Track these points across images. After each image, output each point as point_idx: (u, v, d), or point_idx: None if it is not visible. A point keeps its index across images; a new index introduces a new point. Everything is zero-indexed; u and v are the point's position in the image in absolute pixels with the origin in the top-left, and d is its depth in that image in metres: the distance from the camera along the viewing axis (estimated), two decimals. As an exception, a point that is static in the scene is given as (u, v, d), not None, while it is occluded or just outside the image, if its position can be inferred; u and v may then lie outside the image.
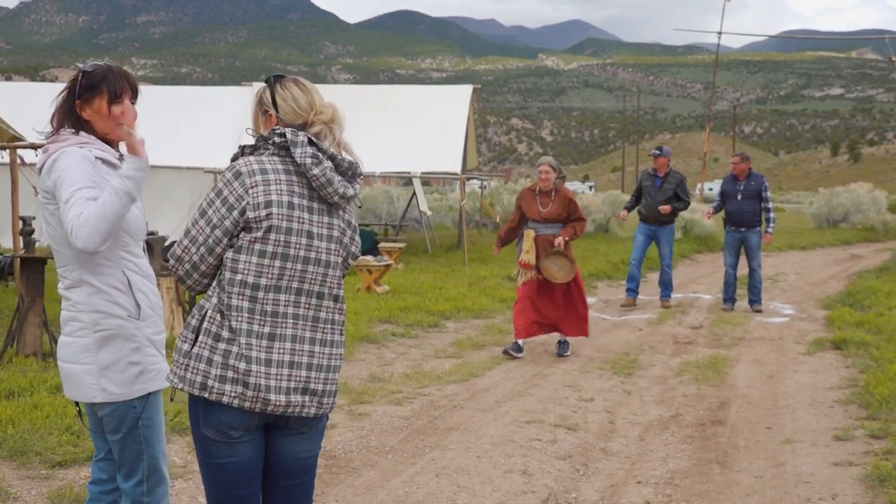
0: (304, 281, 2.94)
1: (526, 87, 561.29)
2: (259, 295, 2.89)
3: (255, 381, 2.86)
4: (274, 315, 2.90)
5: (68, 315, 3.34)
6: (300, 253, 2.92)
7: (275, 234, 2.88)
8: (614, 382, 8.28)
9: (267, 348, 2.89)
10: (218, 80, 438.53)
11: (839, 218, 33.45)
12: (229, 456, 2.96)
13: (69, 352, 3.33)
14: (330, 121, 3.03)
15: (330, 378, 3.02)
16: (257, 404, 2.88)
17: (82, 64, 3.52)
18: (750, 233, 12.88)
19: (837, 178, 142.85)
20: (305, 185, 2.94)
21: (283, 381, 2.90)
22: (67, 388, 3.38)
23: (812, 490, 5.32)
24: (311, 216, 2.94)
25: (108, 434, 3.39)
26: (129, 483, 3.41)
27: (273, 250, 2.89)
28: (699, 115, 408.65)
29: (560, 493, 5.31)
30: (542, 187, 9.55)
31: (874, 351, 9.11)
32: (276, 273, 2.90)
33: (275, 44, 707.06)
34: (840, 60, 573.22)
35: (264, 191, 2.88)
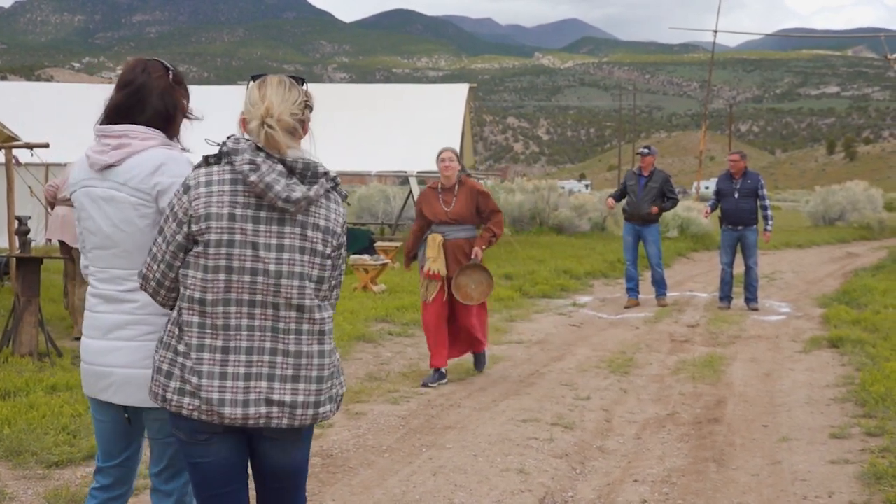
0: (256, 293, 2.84)
1: (522, 85, 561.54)
2: (207, 310, 2.85)
3: (206, 396, 2.84)
4: (226, 328, 2.85)
5: (130, 319, 3.24)
6: (246, 265, 2.83)
7: (214, 248, 2.82)
8: (611, 381, 8.28)
9: (222, 362, 2.85)
10: (214, 80, 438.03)
11: (835, 216, 33.52)
12: (202, 456, 2.97)
13: (134, 356, 3.23)
14: (263, 116, 2.85)
15: (302, 389, 2.89)
16: (213, 417, 2.86)
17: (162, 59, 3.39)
18: (747, 231, 12.89)
19: (833, 177, 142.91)
20: (254, 194, 2.85)
21: (240, 393, 2.84)
22: (127, 394, 3.25)
23: (808, 488, 5.32)
24: (258, 226, 2.83)
25: (159, 437, 3.33)
26: (175, 483, 3.40)
27: (215, 264, 2.83)
28: (695, 114, 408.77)
29: (557, 492, 5.31)
30: (445, 182, 8.24)
31: (870, 349, 9.11)
32: (222, 287, 2.84)
33: (271, 43, 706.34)
34: (836, 59, 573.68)
35: (205, 203, 2.84)
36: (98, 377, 3.29)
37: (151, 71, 3.30)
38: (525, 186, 28.97)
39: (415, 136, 18.36)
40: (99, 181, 3.24)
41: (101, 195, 3.23)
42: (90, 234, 3.28)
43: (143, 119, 3.26)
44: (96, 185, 3.24)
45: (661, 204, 13.15)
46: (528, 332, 10.83)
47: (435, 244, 8.10)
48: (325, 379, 2.93)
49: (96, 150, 3.25)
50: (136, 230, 3.20)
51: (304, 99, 2.97)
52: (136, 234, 3.21)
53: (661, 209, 13.20)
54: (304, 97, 2.98)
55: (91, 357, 3.31)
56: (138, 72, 3.29)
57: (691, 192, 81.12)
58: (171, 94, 3.33)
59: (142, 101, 3.26)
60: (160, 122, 3.30)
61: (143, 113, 3.26)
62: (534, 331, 10.97)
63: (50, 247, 13.91)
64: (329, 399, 2.96)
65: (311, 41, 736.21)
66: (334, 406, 3.01)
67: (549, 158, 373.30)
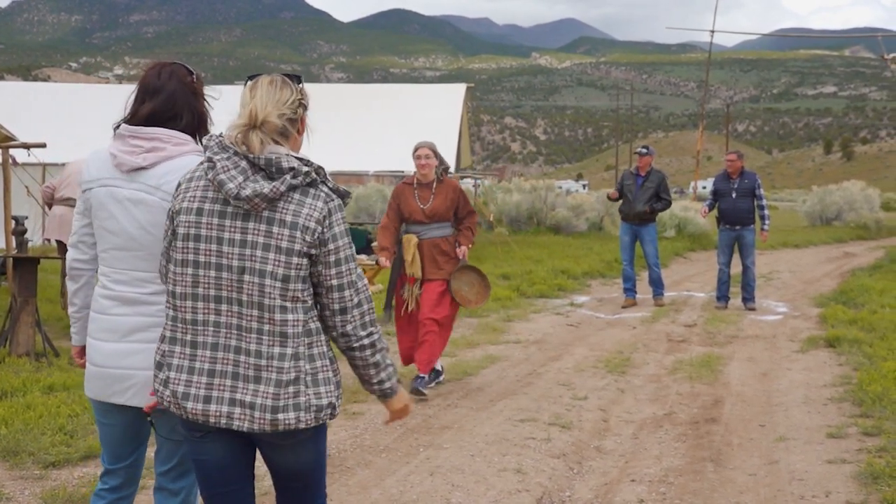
0: (221, 288, 2.82)
1: (519, 85, 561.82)
2: (177, 303, 2.88)
3: (172, 388, 2.87)
4: (194, 323, 2.86)
5: (152, 321, 3.21)
6: (211, 259, 2.82)
7: (182, 241, 2.85)
8: (608, 381, 8.28)
9: (190, 356, 2.87)
10: (211, 80, 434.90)
11: (832, 216, 33.53)
12: (199, 453, 2.99)
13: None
14: (249, 120, 2.82)
15: (262, 390, 2.80)
16: (180, 411, 2.87)
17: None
18: (744, 231, 12.90)
19: (830, 177, 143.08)
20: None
21: (202, 389, 2.84)
22: (145, 397, 3.24)
23: (805, 488, 5.32)
24: (223, 221, 2.81)
25: (172, 437, 3.32)
26: (182, 482, 3.42)
27: (183, 257, 2.85)
28: (692, 114, 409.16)
29: (554, 492, 5.32)
30: (421, 179, 7.98)
31: (867, 349, 9.12)
32: (190, 281, 2.85)
33: (268, 43, 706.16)
34: (833, 59, 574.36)
35: (181, 198, 2.88)
36: (114, 380, 3.27)
37: (181, 76, 3.32)
38: (522, 186, 28.95)
39: (412, 135, 18.17)
40: (125, 182, 3.22)
41: (128, 196, 3.21)
42: (110, 234, 3.26)
43: (175, 125, 3.27)
44: (122, 186, 3.22)
45: (654, 205, 13.15)
46: (525, 332, 10.83)
47: (411, 246, 7.81)
48: (284, 383, 2.81)
49: (124, 150, 3.22)
50: (161, 234, 3.18)
51: (297, 98, 2.92)
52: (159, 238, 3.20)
53: (652, 209, 13.18)
54: (298, 96, 2.93)
55: (104, 360, 3.27)
56: (166, 77, 3.29)
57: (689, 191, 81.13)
58: (200, 99, 3.35)
59: (175, 108, 3.27)
60: (192, 127, 3.31)
61: (176, 119, 3.27)
62: (531, 331, 10.98)
63: (47, 247, 13.90)
64: (294, 406, 2.82)
65: (309, 41, 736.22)
66: (304, 415, 2.84)
67: (547, 158, 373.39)
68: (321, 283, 2.89)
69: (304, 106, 2.98)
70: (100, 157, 3.30)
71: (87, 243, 3.36)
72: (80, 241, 3.37)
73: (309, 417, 2.85)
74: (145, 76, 3.32)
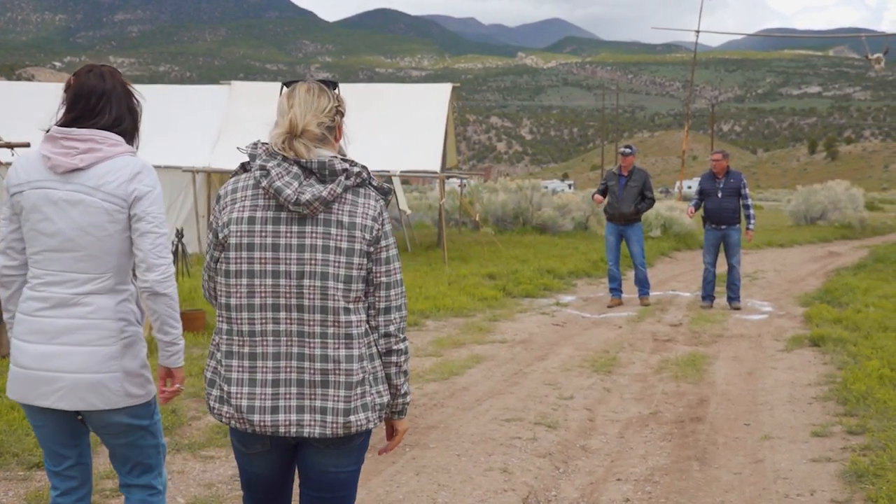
0: (279, 296, 2.81)
1: (505, 85, 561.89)
2: (233, 315, 2.86)
3: (236, 403, 2.84)
4: (251, 335, 2.83)
5: (83, 323, 3.20)
6: (267, 267, 2.80)
7: (235, 251, 2.83)
8: (594, 380, 8.29)
9: (250, 369, 2.84)
10: (196, 79, 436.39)
11: (817, 215, 33.66)
12: (246, 466, 3.06)
13: (90, 361, 3.20)
14: (289, 129, 2.83)
15: (331, 394, 2.82)
16: (245, 426, 2.85)
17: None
18: (730, 230, 12.94)
19: (815, 176, 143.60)
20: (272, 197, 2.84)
21: (268, 400, 2.82)
22: (78, 399, 3.21)
23: (790, 486, 5.34)
24: (278, 227, 2.80)
25: (121, 438, 3.36)
26: (147, 477, 3.45)
27: (237, 268, 2.83)
28: (678, 114, 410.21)
29: (540, 491, 5.32)
30: None
31: (852, 347, 9.16)
32: (245, 291, 2.83)
33: (253, 42, 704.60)
34: (818, 59, 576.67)
35: (229, 210, 2.86)
36: (40, 383, 3.23)
37: (114, 77, 3.32)
38: (508, 186, 28.99)
39: (398, 135, 18.32)
40: (60, 184, 3.20)
41: (64, 198, 3.19)
42: (44, 236, 3.22)
43: (107, 126, 3.27)
44: (57, 188, 3.20)
45: (639, 205, 13.17)
46: (511, 332, 10.83)
47: None
48: (354, 385, 2.85)
49: (58, 152, 3.20)
50: (104, 235, 3.20)
51: (334, 105, 2.94)
52: (105, 238, 3.21)
53: (637, 210, 13.21)
54: (335, 103, 2.95)
55: (31, 362, 3.24)
56: (98, 78, 3.29)
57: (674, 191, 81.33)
58: (132, 100, 3.35)
59: (108, 108, 3.27)
60: (125, 128, 3.32)
61: (107, 119, 3.27)
62: (517, 330, 10.98)
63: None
64: (363, 407, 2.86)
65: (294, 41, 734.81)
66: (371, 415, 2.90)
67: (533, 158, 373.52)
68: (370, 281, 2.90)
69: (342, 113, 3.00)
70: (29, 160, 3.28)
71: (17, 249, 3.32)
72: (8, 247, 3.32)
73: (375, 417, 2.91)
74: (77, 78, 3.31)
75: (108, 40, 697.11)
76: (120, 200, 3.19)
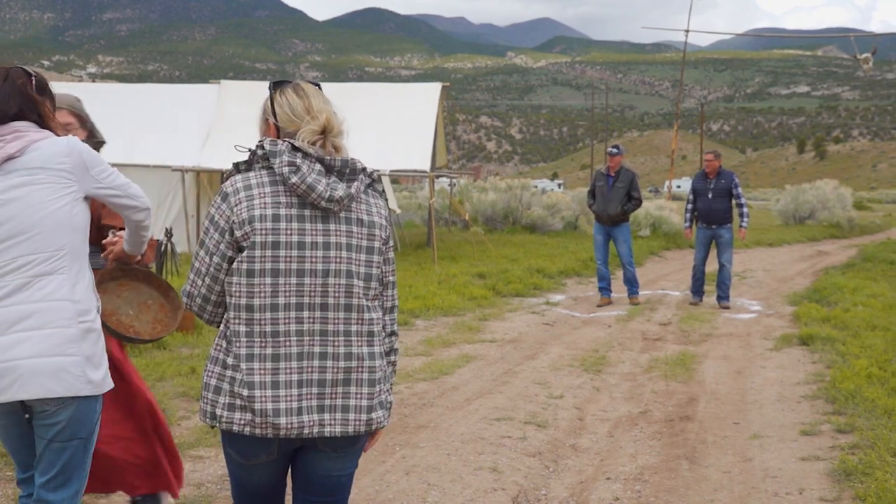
0: (303, 294, 2.78)
1: (495, 84, 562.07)
2: (255, 316, 2.78)
3: (260, 407, 2.75)
4: (275, 335, 2.77)
5: (40, 306, 3.10)
6: (292, 266, 2.76)
7: (260, 250, 2.76)
8: (584, 379, 8.30)
9: (273, 371, 2.77)
10: (185, 78, 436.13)
11: (805, 215, 33.76)
12: (245, 477, 2.98)
13: (45, 345, 3.08)
14: (323, 129, 2.86)
15: (353, 392, 2.82)
16: (268, 430, 2.77)
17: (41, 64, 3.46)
18: (721, 229, 13.03)
19: (804, 176, 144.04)
20: (295, 195, 2.81)
21: (293, 401, 2.77)
22: (38, 385, 3.08)
23: (779, 485, 5.36)
24: (303, 225, 2.78)
25: (57, 441, 3.20)
26: (62, 494, 3.25)
27: (261, 267, 2.77)
28: (667, 113, 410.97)
29: (530, 490, 5.32)
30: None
31: (840, 346, 9.19)
32: (269, 290, 2.77)
33: (243, 41, 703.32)
34: (806, 59, 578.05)
35: (248, 207, 2.78)
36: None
37: (15, 78, 3.31)
38: (498, 185, 29.01)
39: (388, 135, 18.29)
40: (1, 175, 3.17)
41: (12, 184, 3.17)
42: None
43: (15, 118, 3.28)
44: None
45: (625, 206, 13.19)
46: (501, 331, 10.84)
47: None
48: (376, 382, 2.87)
49: None
50: (56, 209, 3.18)
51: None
52: (57, 212, 3.18)
53: (624, 211, 13.23)
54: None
55: None
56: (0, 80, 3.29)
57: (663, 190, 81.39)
58: (34, 97, 3.33)
59: (15, 107, 3.26)
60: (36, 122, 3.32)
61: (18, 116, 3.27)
62: (507, 329, 10.98)
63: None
64: (380, 405, 2.89)
65: (284, 40, 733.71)
66: (386, 413, 2.94)
67: (522, 157, 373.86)
68: (381, 281, 2.97)
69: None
70: None
71: None
72: None
73: (387, 415, 2.96)
74: None
75: (97, 39, 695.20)
76: (66, 174, 3.21)
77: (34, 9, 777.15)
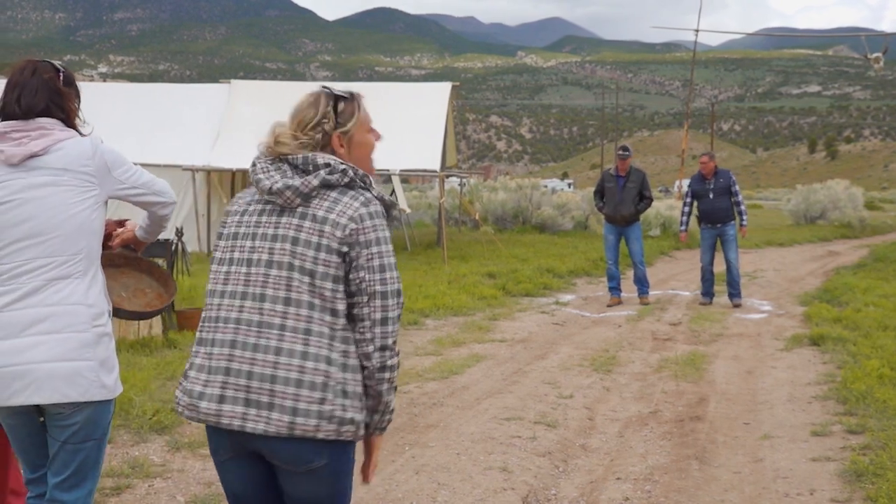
0: (248, 283, 2.80)
1: (505, 84, 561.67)
2: (209, 301, 2.89)
3: (189, 387, 2.82)
4: (216, 320, 2.83)
5: (56, 310, 3.13)
6: (244, 255, 2.83)
7: (224, 240, 2.91)
8: (594, 379, 8.29)
9: (206, 354, 2.81)
10: (196, 78, 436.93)
11: (816, 215, 33.65)
12: (224, 478, 2.95)
13: (60, 349, 3.11)
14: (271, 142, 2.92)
15: (279, 390, 2.69)
16: (194, 413, 2.79)
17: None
18: (725, 227, 13.12)
19: (815, 175, 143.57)
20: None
21: (216, 388, 2.75)
22: (52, 390, 3.10)
23: (790, 485, 5.34)
24: (261, 218, 2.85)
25: (71, 443, 3.22)
26: (76, 494, 3.28)
27: (221, 256, 2.90)
28: (677, 113, 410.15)
29: (540, 490, 5.32)
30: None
31: (851, 347, 9.16)
32: (223, 278, 2.86)
33: (253, 41, 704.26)
34: (817, 58, 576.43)
35: (231, 204, 3.00)
36: (12, 379, 3.11)
37: (42, 72, 3.33)
38: (508, 185, 29.01)
39: (398, 134, 18.26)
40: (23, 173, 3.20)
41: (32, 183, 3.19)
42: (10, 227, 3.18)
43: (43, 115, 3.29)
44: (22, 177, 3.20)
45: (638, 206, 13.20)
46: (511, 331, 10.83)
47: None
48: (306, 385, 2.69)
49: (10, 144, 3.21)
50: (77, 212, 3.21)
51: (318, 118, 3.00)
52: (78, 215, 3.22)
53: (636, 211, 13.24)
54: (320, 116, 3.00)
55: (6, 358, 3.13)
56: (28, 74, 3.31)
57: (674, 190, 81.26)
58: (63, 92, 3.35)
59: (42, 103, 3.28)
60: (61, 119, 3.34)
61: (44, 113, 3.28)
62: (517, 329, 10.98)
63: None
64: (317, 413, 2.69)
65: (294, 39, 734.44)
66: (326, 425, 2.71)
67: (532, 157, 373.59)
68: (363, 290, 2.78)
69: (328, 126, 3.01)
70: None
71: None
72: None
73: (330, 429, 2.72)
74: (12, 73, 3.35)
75: (108, 39, 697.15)
76: (89, 176, 3.24)
77: (45, 9, 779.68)
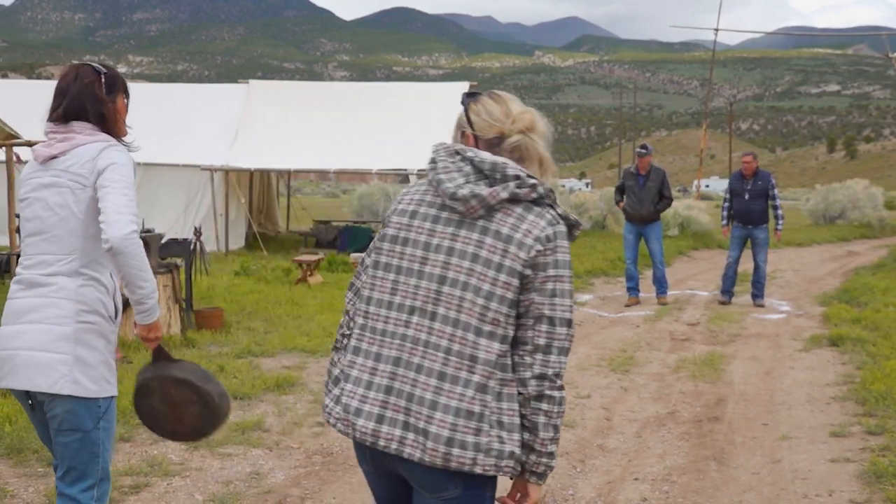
0: (417, 298, 2.58)
1: (522, 84, 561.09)
2: (371, 310, 2.68)
3: (346, 402, 2.63)
4: (383, 333, 2.62)
5: (42, 301, 3.25)
6: (414, 266, 2.60)
7: (389, 243, 2.67)
8: (611, 379, 8.28)
9: (371, 369, 2.62)
10: (214, 78, 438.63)
11: (836, 215, 33.47)
12: (370, 486, 2.88)
13: (40, 339, 3.21)
14: (527, 129, 2.69)
15: (438, 418, 2.50)
16: (349, 429, 2.62)
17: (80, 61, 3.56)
18: (757, 230, 13.03)
19: (834, 175, 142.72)
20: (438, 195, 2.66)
21: (376, 406, 2.57)
22: (26, 378, 3.21)
23: (809, 486, 5.32)
24: (434, 226, 2.60)
25: (61, 434, 3.28)
26: (75, 488, 3.32)
27: (387, 261, 2.66)
28: (696, 112, 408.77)
29: (557, 490, 5.32)
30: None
31: (871, 347, 9.12)
32: (389, 287, 2.64)
33: (271, 41, 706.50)
34: (837, 57, 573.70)
35: (398, 202, 2.73)
36: (1, 363, 3.31)
37: (83, 77, 3.43)
38: (525, 185, 28.92)
39: (415, 134, 18.32)
40: (43, 172, 3.37)
41: (43, 183, 3.35)
42: (27, 221, 3.39)
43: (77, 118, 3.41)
44: (40, 176, 3.37)
45: (657, 206, 13.16)
46: (528, 331, 10.80)
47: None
48: (464, 413, 2.49)
49: (43, 145, 3.40)
50: (69, 214, 3.30)
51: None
52: (70, 218, 3.30)
53: (656, 210, 13.19)
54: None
55: (1, 343, 3.33)
56: (70, 79, 3.43)
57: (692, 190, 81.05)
58: (99, 97, 3.42)
59: (78, 108, 3.39)
60: (97, 123, 3.42)
61: (80, 117, 3.39)
62: (534, 329, 10.94)
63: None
64: (474, 445, 2.48)
65: (312, 39, 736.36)
66: (483, 459, 2.50)
67: (550, 156, 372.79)
68: (530, 313, 2.55)
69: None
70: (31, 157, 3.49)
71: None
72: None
73: (488, 463, 2.52)
74: (59, 79, 3.49)
75: (127, 39, 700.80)
76: (83, 178, 3.30)
77: (65, 9, 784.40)
